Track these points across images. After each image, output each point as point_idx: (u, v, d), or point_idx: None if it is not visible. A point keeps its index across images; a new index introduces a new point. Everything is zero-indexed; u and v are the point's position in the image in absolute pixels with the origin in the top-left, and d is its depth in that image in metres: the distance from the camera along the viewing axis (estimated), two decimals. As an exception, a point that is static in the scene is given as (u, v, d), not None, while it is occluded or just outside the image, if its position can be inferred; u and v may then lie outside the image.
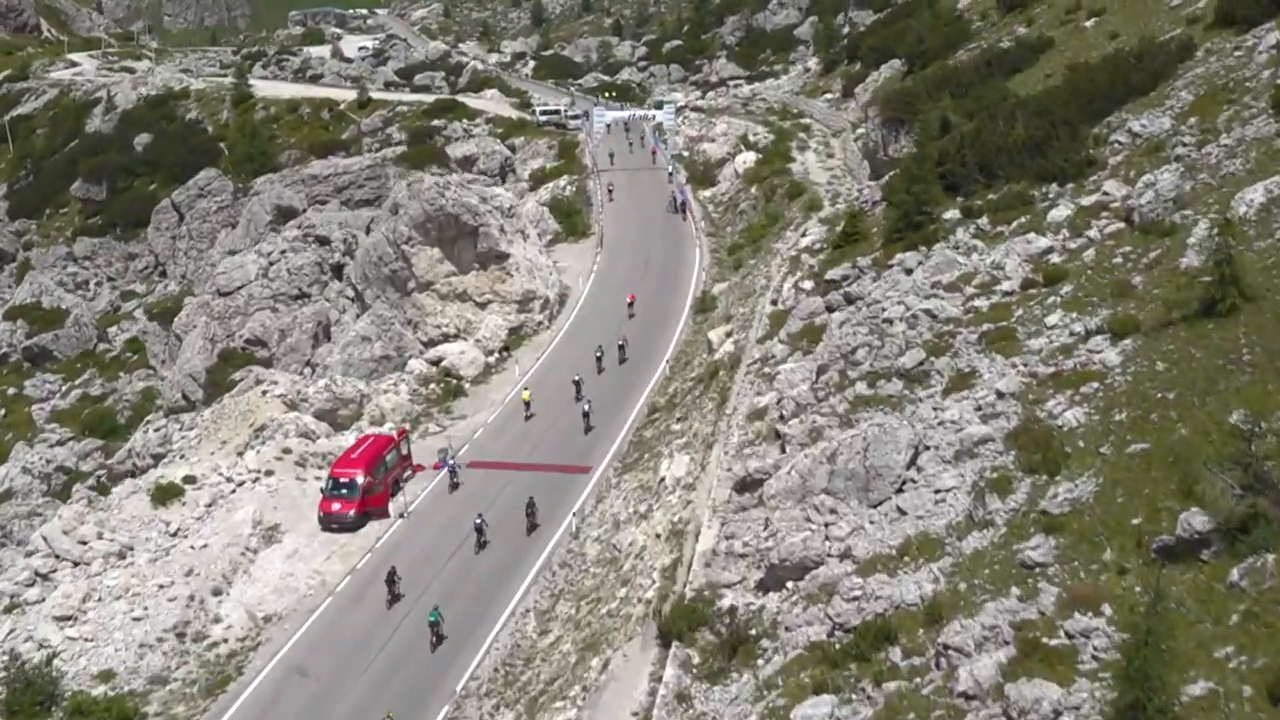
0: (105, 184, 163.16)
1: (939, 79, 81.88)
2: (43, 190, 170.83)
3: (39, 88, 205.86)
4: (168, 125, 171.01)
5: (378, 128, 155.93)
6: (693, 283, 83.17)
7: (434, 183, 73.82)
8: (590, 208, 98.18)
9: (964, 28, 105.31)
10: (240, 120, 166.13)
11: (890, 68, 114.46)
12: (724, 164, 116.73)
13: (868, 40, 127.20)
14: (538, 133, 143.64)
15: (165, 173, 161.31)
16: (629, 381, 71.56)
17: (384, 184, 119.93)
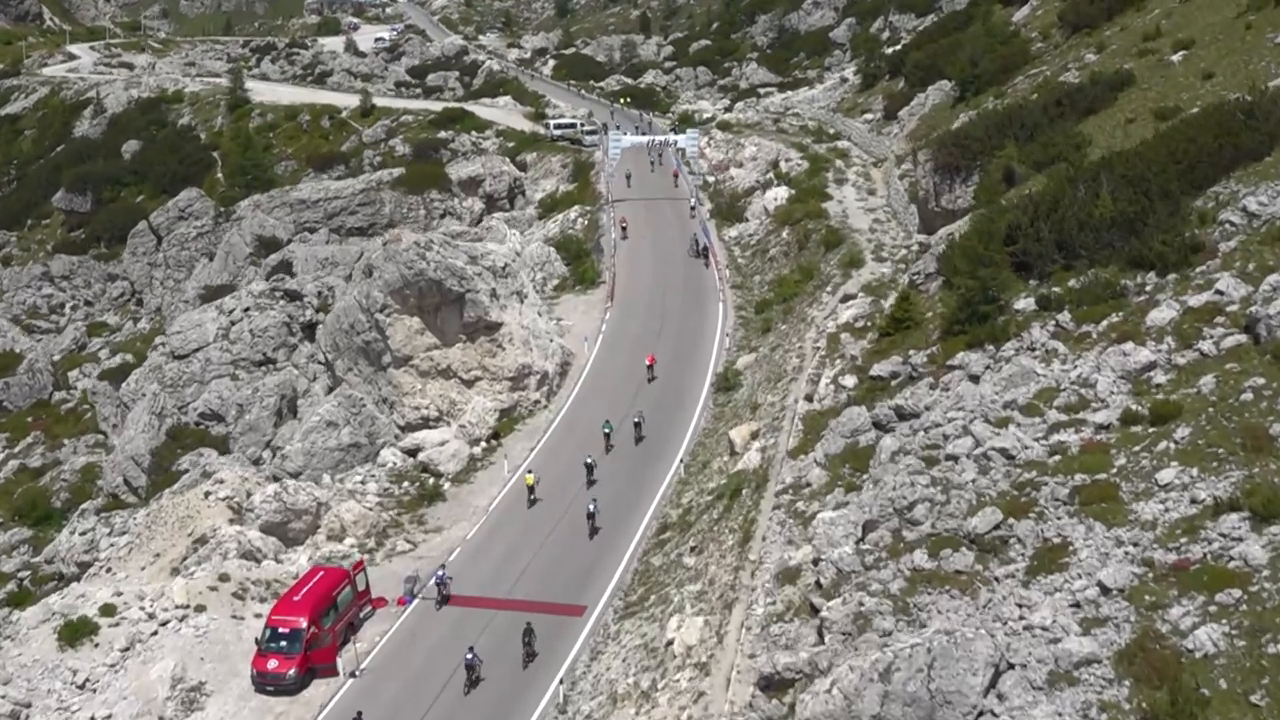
0: (90, 194, 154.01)
1: (1000, 119, 71.68)
2: (25, 199, 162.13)
3: (29, 85, 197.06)
4: (158, 131, 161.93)
5: (380, 139, 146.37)
6: (715, 348, 73.30)
7: (413, 242, 63.79)
8: (600, 253, 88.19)
9: (1023, 48, 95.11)
10: (235, 128, 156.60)
11: (939, 90, 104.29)
12: (752, 194, 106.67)
13: (913, 55, 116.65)
14: (551, 148, 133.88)
15: (153, 184, 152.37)
16: (640, 473, 61.92)
17: (378, 210, 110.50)
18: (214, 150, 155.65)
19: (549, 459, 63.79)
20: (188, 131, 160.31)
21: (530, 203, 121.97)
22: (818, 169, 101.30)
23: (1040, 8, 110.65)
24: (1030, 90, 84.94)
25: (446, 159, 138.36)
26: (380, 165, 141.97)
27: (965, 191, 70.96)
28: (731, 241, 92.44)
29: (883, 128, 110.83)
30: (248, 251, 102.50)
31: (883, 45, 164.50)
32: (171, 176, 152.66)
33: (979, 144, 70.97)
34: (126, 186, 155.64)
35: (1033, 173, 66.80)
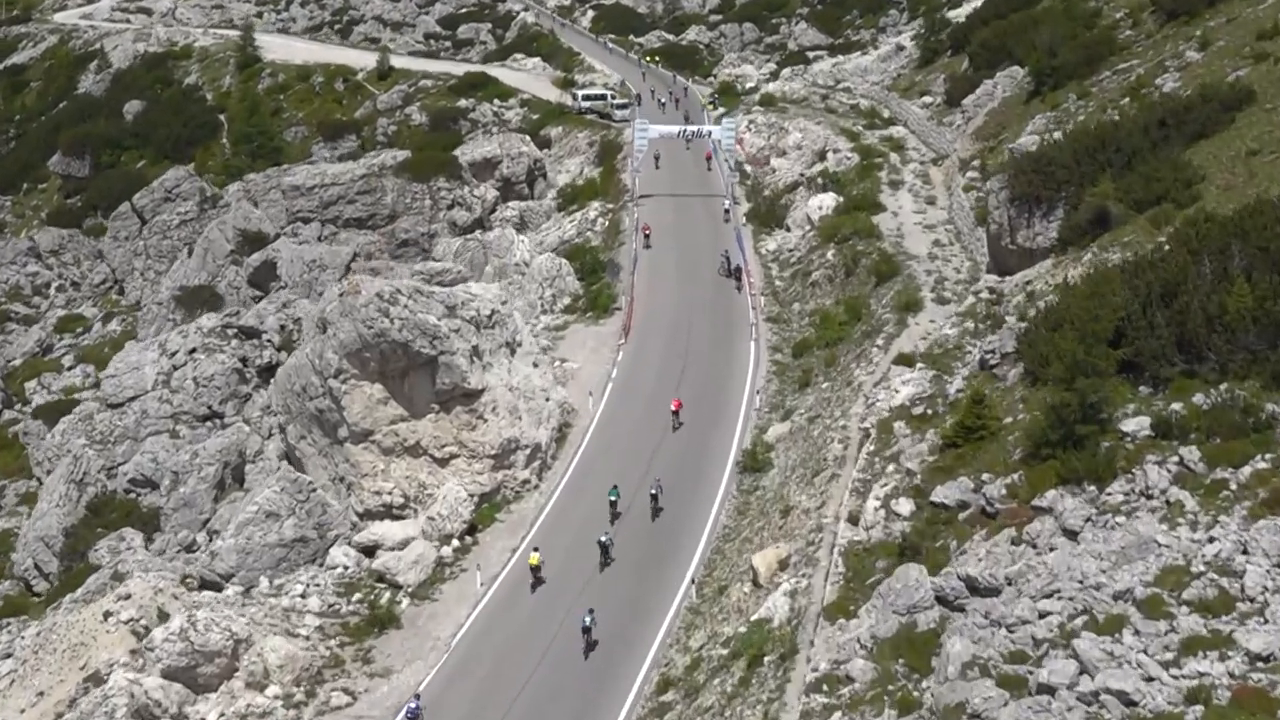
0: (88, 158, 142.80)
1: (1090, 141, 59.16)
2: (22, 159, 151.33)
3: (38, 33, 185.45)
4: (163, 91, 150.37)
5: (396, 105, 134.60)
6: (743, 407, 61.42)
7: (375, 295, 51.82)
8: (616, 275, 76.03)
9: (1108, 37, 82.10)
10: (243, 89, 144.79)
11: (1009, 78, 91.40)
12: (795, 189, 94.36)
13: (979, 33, 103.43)
14: (579, 122, 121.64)
15: (155, 148, 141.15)
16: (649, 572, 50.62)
17: (378, 199, 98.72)
18: (221, 113, 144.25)
19: (544, 542, 52.36)
20: (194, 91, 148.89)
21: (552, 186, 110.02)
22: (870, 167, 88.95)
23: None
24: (1120, 92, 72.35)
25: (465, 130, 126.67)
26: (394, 136, 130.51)
27: (1047, 228, 58.74)
28: (769, 256, 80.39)
29: (944, 115, 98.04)
30: (229, 249, 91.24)
31: (944, 7, 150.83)
32: (175, 141, 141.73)
33: (1065, 172, 58.58)
34: (127, 150, 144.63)
35: (1132, 214, 54.74)
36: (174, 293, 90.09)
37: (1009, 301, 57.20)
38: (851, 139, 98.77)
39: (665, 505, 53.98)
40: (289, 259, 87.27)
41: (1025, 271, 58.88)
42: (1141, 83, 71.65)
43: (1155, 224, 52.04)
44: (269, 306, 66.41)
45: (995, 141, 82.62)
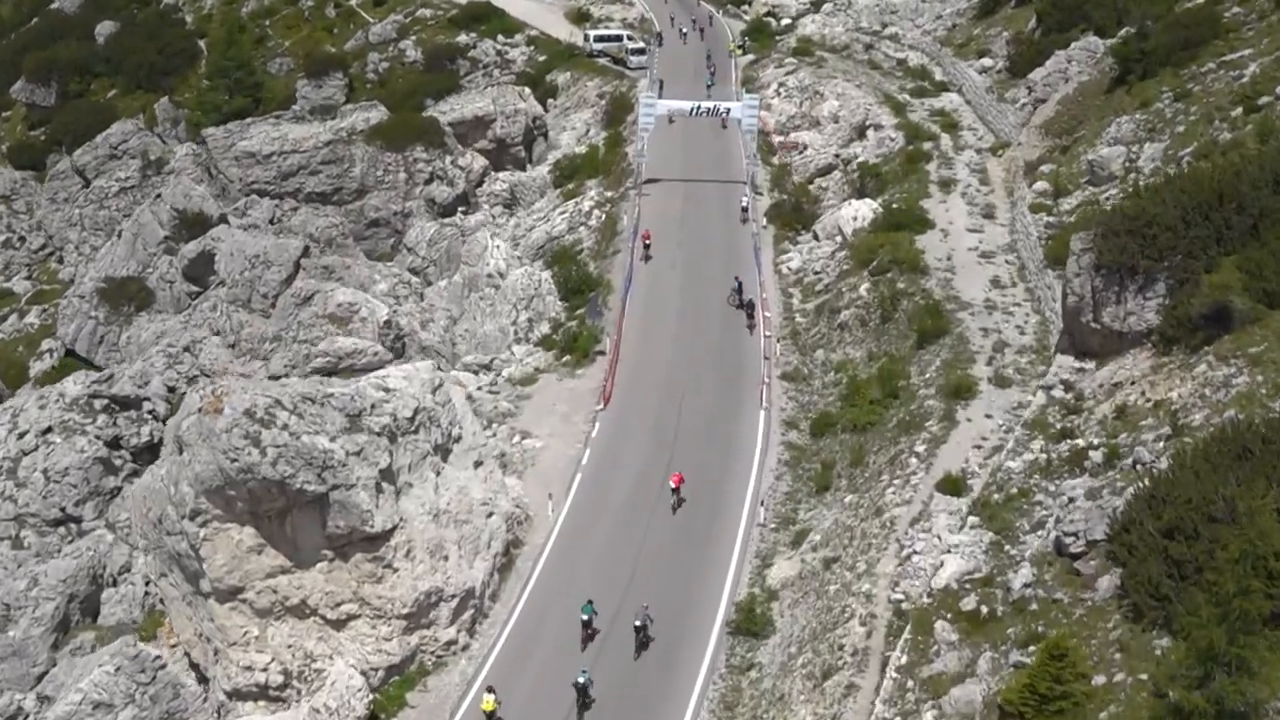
0: (55, 85, 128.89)
1: (1202, 195, 44.97)
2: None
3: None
4: (140, 10, 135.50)
5: (390, 39, 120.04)
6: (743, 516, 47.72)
7: (245, 413, 37.97)
8: (597, 316, 61.69)
9: (1212, 14, 67.08)
10: (225, 11, 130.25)
11: (1086, 50, 76.44)
12: (829, 174, 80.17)
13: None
14: (589, 67, 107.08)
15: (127, 77, 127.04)
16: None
17: (345, 170, 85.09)
18: (201, 39, 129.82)
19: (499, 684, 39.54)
20: (172, 13, 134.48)
21: (554, 148, 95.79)
22: (917, 155, 74.85)
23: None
24: (1230, 97, 57.97)
25: (463, 71, 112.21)
26: (385, 74, 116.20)
27: (1142, 307, 44.99)
28: (790, 278, 66.35)
29: (1006, 87, 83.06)
30: (163, 235, 77.67)
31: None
32: (148, 69, 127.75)
33: (1169, 236, 44.57)
34: (98, 78, 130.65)
35: (1262, 309, 41.09)
36: (98, 284, 76.84)
37: (1090, 413, 43.55)
38: (896, 111, 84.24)
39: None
40: (229, 252, 73.79)
41: (1112, 366, 45.28)
42: (1259, 88, 57.33)
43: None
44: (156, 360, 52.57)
45: (1069, 140, 68.10)
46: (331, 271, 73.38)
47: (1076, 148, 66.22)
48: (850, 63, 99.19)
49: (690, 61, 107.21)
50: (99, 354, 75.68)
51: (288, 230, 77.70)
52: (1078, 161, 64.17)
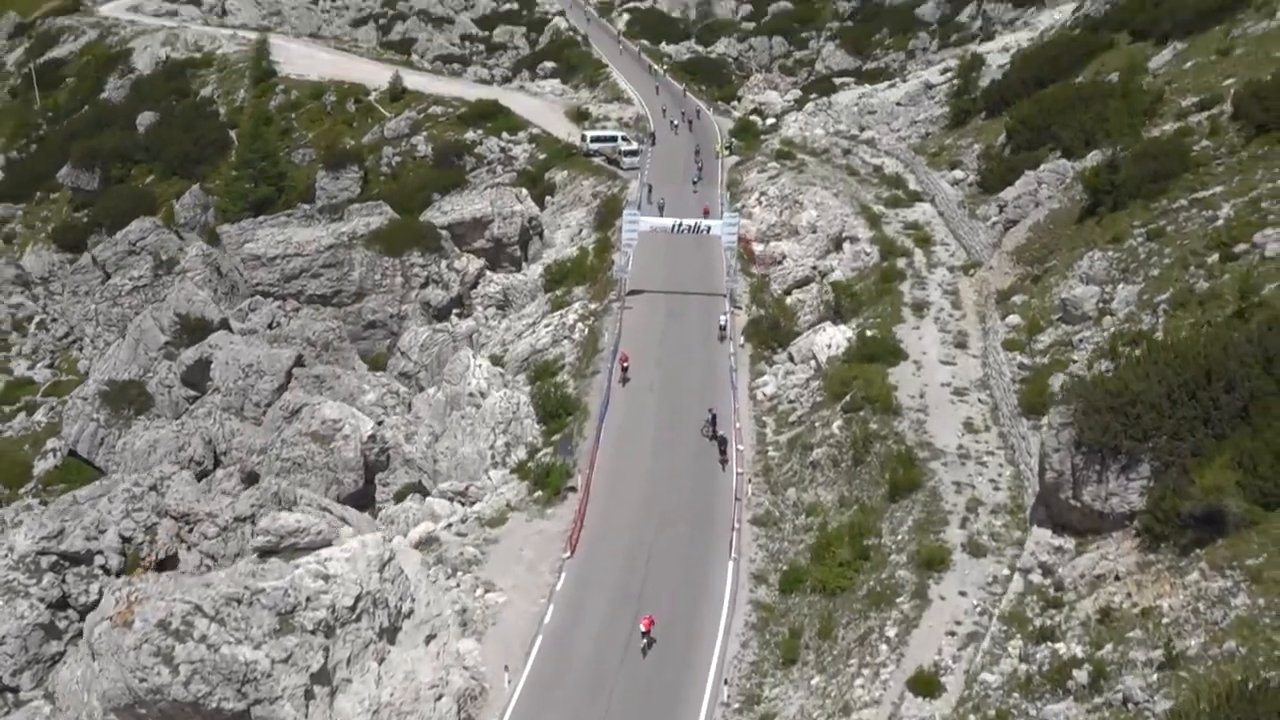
0: (98, 171, 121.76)
1: (1189, 372, 37.19)
2: (38, 166, 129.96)
3: (80, 27, 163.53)
4: (178, 102, 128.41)
5: (403, 134, 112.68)
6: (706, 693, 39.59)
7: (159, 625, 30.36)
8: (568, 453, 53.64)
9: (1180, 147, 59.22)
10: (255, 105, 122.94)
11: (1055, 173, 68.86)
12: (806, 285, 72.46)
13: (1018, 105, 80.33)
14: (586, 166, 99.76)
15: (164, 165, 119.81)
16: None
17: (345, 274, 77.57)
18: (232, 129, 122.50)
19: None
20: (208, 105, 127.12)
21: (549, 245, 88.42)
22: (891, 274, 67.13)
23: (1191, 59, 74.03)
24: (1204, 240, 50.33)
25: (469, 167, 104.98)
26: (398, 168, 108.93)
27: (1125, 488, 37.25)
28: (765, 404, 58.46)
29: (977, 203, 75.31)
30: (163, 340, 70.06)
31: (975, 39, 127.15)
32: (183, 158, 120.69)
33: (1154, 416, 36.71)
34: (138, 164, 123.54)
35: (1259, 511, 33.37)
36: (100, 387, 69.22)
37: (1072, 609, 35.67)
38: (872, 223, 76.58)
39: None
40: (224, 360, 66.19)
41: (1094, 553, 37.41)
42: (1234, 233, 49.51)
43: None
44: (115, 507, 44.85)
45: (1040, 269, 60.24)
46: (322, 381, 65.73)
47: (1048, 279, 58.41)
48: (829, 167, 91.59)
49: (680, 159, 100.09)
50: (99, 456, 68.17)
51: (284, 337, 69.92)
52: (1050, 295, 56.33)
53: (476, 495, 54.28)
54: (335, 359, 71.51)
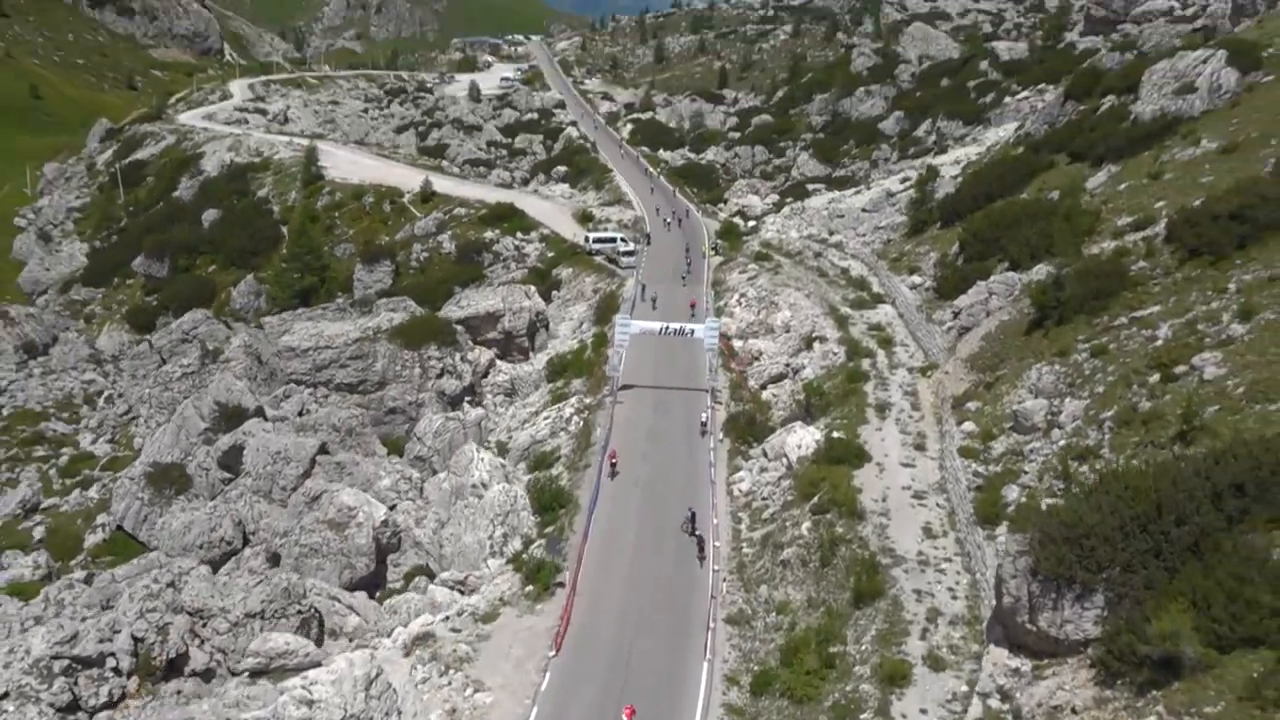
0: (167, 261, 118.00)
1: (1140, 506, 32.80)
2: (117, 255, 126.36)
3: (161, 133, 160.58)
4: (239, 201, 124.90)
5: (431, 233, 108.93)
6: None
7: None
8: (556, 552, 49.10)
9: (1119, 269, 55.11)
10: (304, 205, 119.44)
11: (1004, 284, 64.67)
12: (780, 381, 68.19)
13: (970, 219, 76.39)
14: (588, 264, 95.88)
15: (225, 256, 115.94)
16: None
17: (369, 365, 73.22)
18: (283, 225, 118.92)
19: None
20: (264, 204, 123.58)
21: (554, 336, 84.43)
22: (856, 375, 62.66)
23: (1124, 180, 70.10)
24: (1145, 359, 46.07)
25: (487, 263, 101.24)
26: (425, 263, 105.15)
27: (1080, 616, 32.89)
28: (741, 500, 53.95)
29: (934, 307, 71.16)
30: (203, 426, 65.79)
31: (931, 152, 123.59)
32: (241, 251, 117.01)
33: (1107, 550, 32.35)
34: (202, 255, 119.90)
35: (1215, 656, 28.89)
36: (145, 468, 64.85)
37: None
38: (839, 323, 72.40)
39: None
40: (255, 447, 61.84)
41: (1050, 682, 32.80)
42: (1173, 354, 45.24)
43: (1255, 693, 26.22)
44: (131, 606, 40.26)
45: (992, 376, 55.90)
46: (342, 468, 61.39)
47: (999, 386, 54.07)
48: (802, 269, 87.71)
49: (671, 258, 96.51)
50: (143, 531, 63.69)
51: (311, 426, 65.61)
52: (1002, 403, 52.00)
53: (474, 585, 49.75)
54: (357, 443, 67.21)
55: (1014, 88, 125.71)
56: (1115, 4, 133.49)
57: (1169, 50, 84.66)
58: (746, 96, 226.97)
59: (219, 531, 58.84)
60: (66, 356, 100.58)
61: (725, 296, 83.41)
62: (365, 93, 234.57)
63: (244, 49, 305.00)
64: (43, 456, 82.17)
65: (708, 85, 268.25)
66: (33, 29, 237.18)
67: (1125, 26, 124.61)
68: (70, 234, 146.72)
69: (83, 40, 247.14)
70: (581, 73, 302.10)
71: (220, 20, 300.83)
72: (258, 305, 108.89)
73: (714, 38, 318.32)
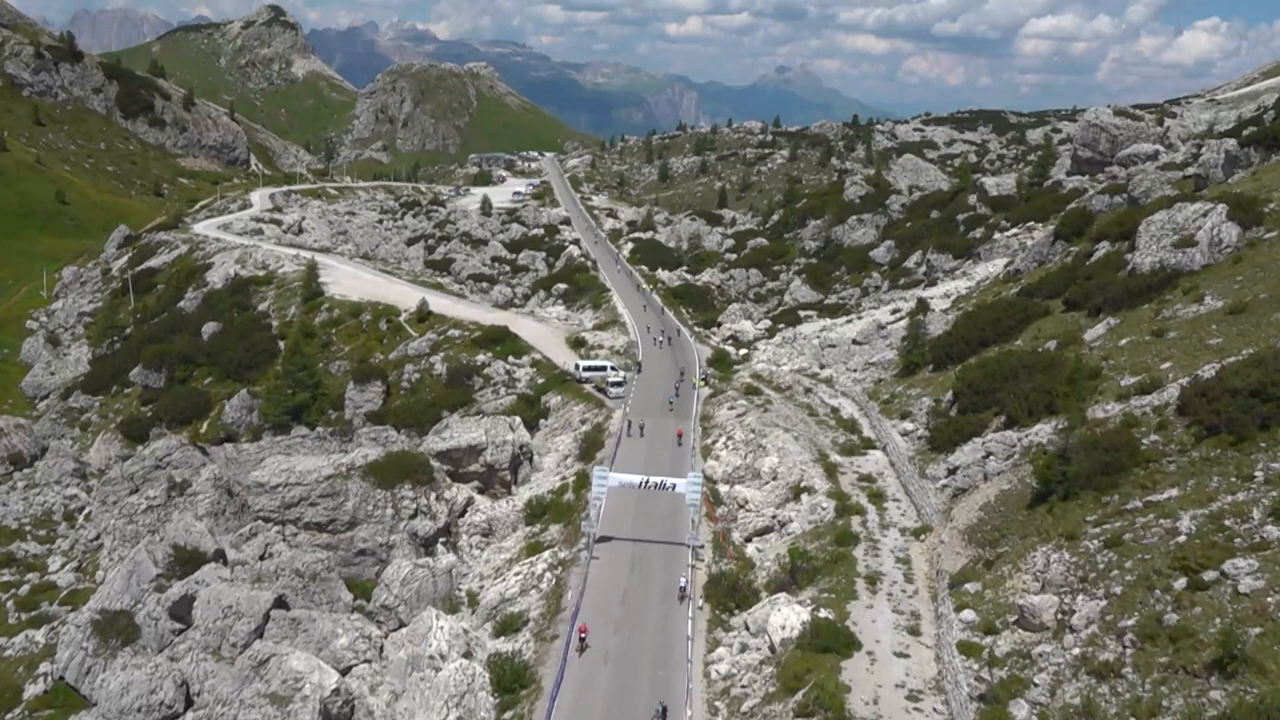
0: (165, 371, 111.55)
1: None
2: (118, 364, 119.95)
3: (174, 241, 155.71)
4: (239, 315, 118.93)
5: (424, 353, 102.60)
6: None
7: None
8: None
9: (1129, 442, 48.33)
10: (302, 320, 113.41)
11: (1003, 444, 57.85)
12: (766, 534, 60.96)
13: (969, 371, 69.88)
14: (577, 393, 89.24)
15: (221, 369, 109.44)
16: None
17: (340, 504, 66.06)
18: (281, 340, 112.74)
19: None
20: (263, 318, 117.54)
21: (538, 469, 77.35)
22: (846, 536, 55.58)
23: (1125, 335, 63.77)
24: (1167, 559, 39.34)
25: (477, 387, 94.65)
26: (416, 384, 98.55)
27: None
28: (719, 684, 46.24)
29: (927, 460, 64.25)
30: (155, 573, 58.48)
31: (920, 284, 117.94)
32: (237, 364, 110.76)
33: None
34: (200, 367, 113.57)
35: None
36: (93, 615, 57.35)
37: None
38: (829, 472, 65.52)
39: None
40: (206, 599, 54.47)
41: None
42: (1200, 556, 38.28)
43: None
44: None
45: (993, 554, 48.73)
46: (298, 624, 53.84)
47: (1001, 566, 46.90)
48: (791, 405, 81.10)
49: (660, 388, 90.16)
50: (85, 684, 56.01)
51: (271, 574, 58.16)
52: (1004, 588, 44.79)
53: (420, 781, 41.88)
54: (321, 589, 59.75)
55: (1003, 223, 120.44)
56: (1101, 145, 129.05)
57: (1165, 200, 79.05)
58: (744, 216, 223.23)
59: (159, 694, 51.27)
60: (52, 470, 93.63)
61: (712, 434, 76.67)
62: (382, 205, 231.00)
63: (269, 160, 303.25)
64: (7, 583, 74.74)
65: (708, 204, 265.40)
66: (67, 137, 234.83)
67: (1112, 168, 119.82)
68: (80, 338, 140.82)
69: (114, 148, 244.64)
70: (590, 189, 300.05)
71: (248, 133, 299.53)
72: (249, 420, 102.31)
73: (715, 159, 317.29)
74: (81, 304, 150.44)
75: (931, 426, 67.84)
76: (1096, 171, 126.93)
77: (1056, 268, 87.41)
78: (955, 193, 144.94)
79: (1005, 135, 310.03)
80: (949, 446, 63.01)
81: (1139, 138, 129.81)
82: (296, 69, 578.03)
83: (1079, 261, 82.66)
